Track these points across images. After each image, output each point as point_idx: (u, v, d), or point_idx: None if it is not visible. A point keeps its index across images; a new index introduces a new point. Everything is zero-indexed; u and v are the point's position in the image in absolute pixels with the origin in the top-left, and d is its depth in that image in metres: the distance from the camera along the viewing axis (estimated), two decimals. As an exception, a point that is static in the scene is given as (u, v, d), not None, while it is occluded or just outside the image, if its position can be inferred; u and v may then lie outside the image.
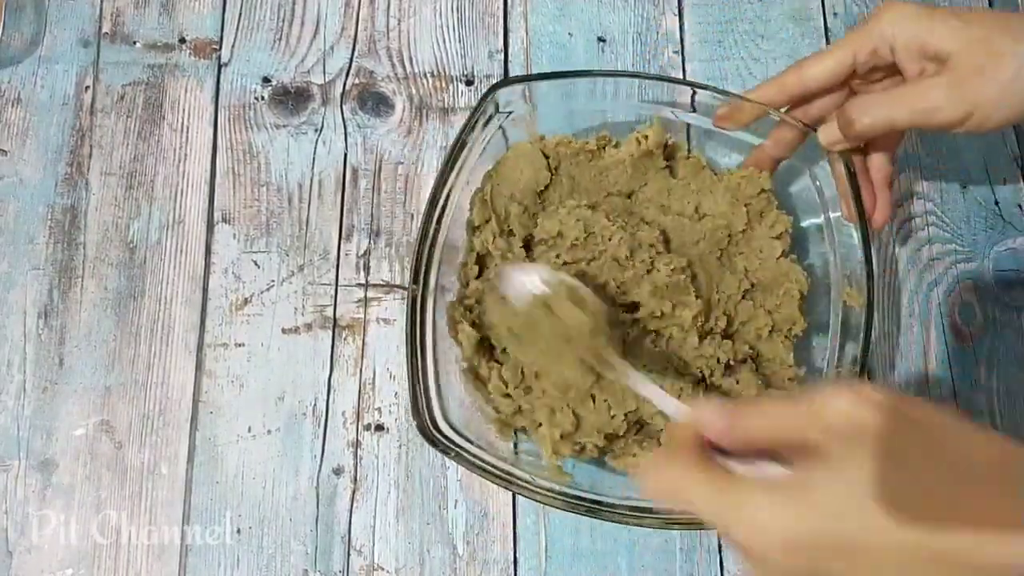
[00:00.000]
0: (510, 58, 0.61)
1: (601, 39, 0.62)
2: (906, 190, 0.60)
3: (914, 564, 0.27)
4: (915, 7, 0.42)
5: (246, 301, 0.56)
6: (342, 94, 0.60)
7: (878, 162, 0.50)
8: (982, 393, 0.56)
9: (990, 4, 0.64)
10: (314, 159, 0.59)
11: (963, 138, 0.60)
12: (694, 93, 0.52)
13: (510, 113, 0.51)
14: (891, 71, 0.46)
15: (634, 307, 0.50)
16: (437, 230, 0.48)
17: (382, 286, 0.56)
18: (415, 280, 0.47)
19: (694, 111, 0.53)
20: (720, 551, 0.52)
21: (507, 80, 0.51)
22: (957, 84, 0.40)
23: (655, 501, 0.32)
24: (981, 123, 0.41)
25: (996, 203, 0.59)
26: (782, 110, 0.50)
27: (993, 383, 0.56)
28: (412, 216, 0.57)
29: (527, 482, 0.46)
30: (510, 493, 0.53)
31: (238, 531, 0.52)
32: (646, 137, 0.53)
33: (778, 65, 0.62)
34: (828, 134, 0.47)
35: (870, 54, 0.44)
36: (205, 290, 0.56)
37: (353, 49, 0.61)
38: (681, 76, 0.61)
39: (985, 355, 0.57)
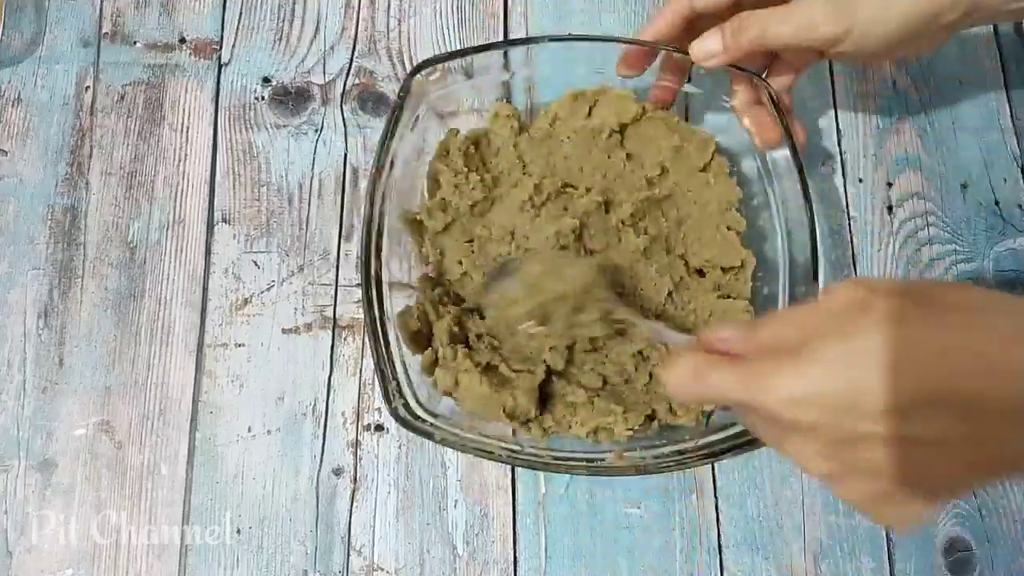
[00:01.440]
0: (511, 58, 0.61)
1: (601, 39, 0.62)
2: (906, 190, 0.60)
3: (918, 410, 0.30)
4: None
5: (246, 301, 0.56)
6: (342, 94, 0.60)
7: (777, 88, 0.51)
8: (982, 393, 0.56)
9: None
10: (314, 159, 0.59)
11: (963, 138, 0.60)
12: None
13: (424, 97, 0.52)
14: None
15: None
16: (383, 212, 0.49)
17: (382, 286, 0.56)
18: (367, 263, 0.47)
19: (689, 80, 0.53)
20: (720, 551, 0.52)
21: (424, 64, 0.51)
22: (836, 1, 0.44)
23: (679, 395, 0.37)
24: (859, 43, 0.44)
25: (996, 203, 0.59)
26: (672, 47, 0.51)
27: (993, 383, 0.56)
28: (412, 216, 0.58)
29: (521, 451, 0.47)
30: (510, 494, 0.53)
31: (238, 531, 0.52)
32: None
33: (778, 65, 0.62)
34: (699, 47, 0.48)
35: None
36: (205, 290, 0.56)
37: (353, 49, 0.61)
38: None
39: (985, 355, 0.56)
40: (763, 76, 0.52)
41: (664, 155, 0.54)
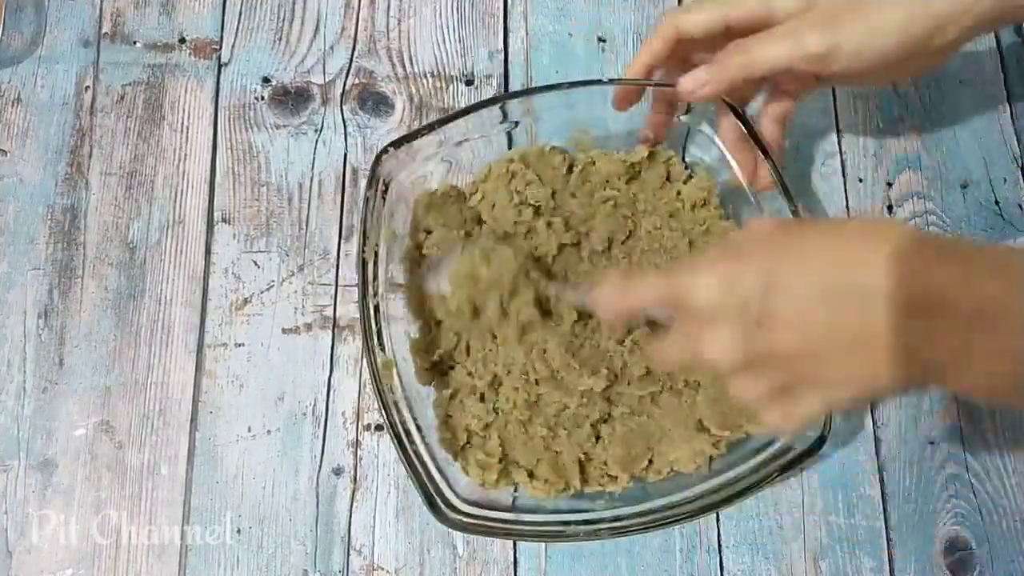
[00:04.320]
0: (510, 58, 0.61)
1: (601, 39, 0.62)
2: (906, 190, 0.60)
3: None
4: None
5: (246, 301, 0.56)
6: (342, 94, 0.60)
7: (768, 128, 0.51)
8: (982, 393, 0.56)
9: None
10: (314, 159, 0.59)
11: (963, 138, 0.60)
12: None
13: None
14: None
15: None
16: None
17: (382, 286, 0.56)
18: (369, 344, 0.48)
19: (688, 112, 0.53)
20: (720, 551, 0.52)
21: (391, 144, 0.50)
22: (826, 19, 0.44)
23: (607, 312, 0.42)
24: (853, 60, 0.44)
25: (996, 203, 0.59)
26: (660, 74, 0.51)
27: (993, 383, 0.56)
28: (412, 216, 0.58)
29: (599, 519, 0.48)
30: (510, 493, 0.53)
31: (238, 531, 0.52)
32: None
33: (778, 65, 0.62)
34: (685, 80, 0.48)
35: (747, 12, 0.46)
36: (205, 290, 0.56)
37: (353, 49, 0.61)
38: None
39: (985, 355, 0.56)
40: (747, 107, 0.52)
41: (662, 216, 0.55)
